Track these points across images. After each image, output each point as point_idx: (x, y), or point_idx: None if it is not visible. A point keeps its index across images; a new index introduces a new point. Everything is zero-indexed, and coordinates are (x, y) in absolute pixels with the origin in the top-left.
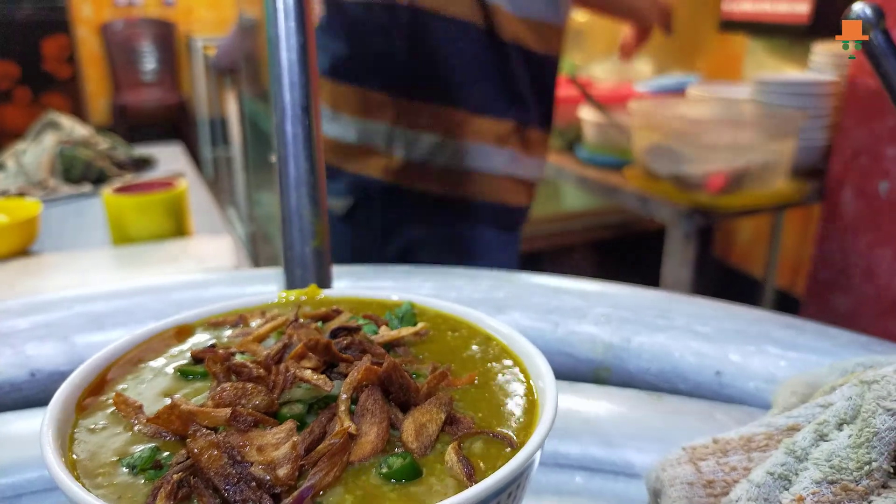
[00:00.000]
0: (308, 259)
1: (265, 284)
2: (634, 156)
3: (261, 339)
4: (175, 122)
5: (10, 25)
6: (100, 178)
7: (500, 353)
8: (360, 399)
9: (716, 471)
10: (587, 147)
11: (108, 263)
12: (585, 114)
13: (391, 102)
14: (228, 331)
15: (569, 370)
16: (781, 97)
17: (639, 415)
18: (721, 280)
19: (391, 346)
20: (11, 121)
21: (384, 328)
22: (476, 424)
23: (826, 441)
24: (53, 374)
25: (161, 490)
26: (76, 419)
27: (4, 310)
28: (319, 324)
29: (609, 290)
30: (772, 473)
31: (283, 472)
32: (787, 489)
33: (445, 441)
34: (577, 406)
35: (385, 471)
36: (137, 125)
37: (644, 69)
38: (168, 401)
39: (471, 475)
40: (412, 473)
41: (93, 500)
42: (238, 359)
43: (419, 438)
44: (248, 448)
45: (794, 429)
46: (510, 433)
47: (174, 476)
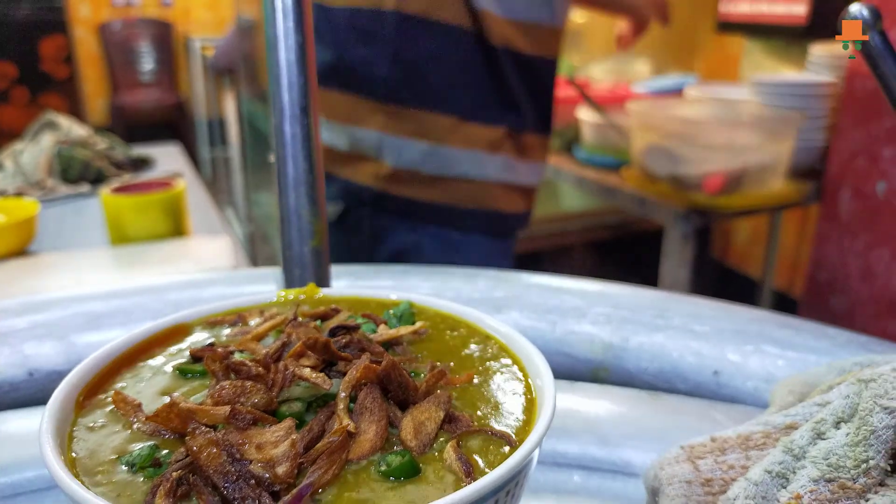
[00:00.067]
0: (307, 258)
1: (263, 284)
2: (632, 156)
3: (260, 338)
4: (173, 123)
5: (8, 25)
6: (98, 178)
7: (499, 352)
8: (359, 397)
9: (714, 469)
10: (585, 147)
11: (106, 263)
12: (583, 114)
13: (379, 109)
14: (227, 330)
15: (567, 370)
16: (779, 98)
17: (637, 414)
18: (719, 281)
19: (390, 345)
20: (9, 121)
21: (383, 327)
22: (475, 423)
23: (824, 439)
24: (51, 374)
25: (160, 488)
26: (75, 418)
27: (2, 309)
28: (318, 322)
29: (608, 290)
30: (770, 472)
31: (282, 470)
32: (785, 487)
33: (444, 439)
34: (576, 405)
35: (384, 469)
36: (135, 125)
37: (642, 70)
38: (167, 399)
39: (469, 473)
40: (411, 471)
41: (92, 498)
42: (237, 357)
43: (418, 436)
44: (247, 446)
45: (792, 427)
46: (509, 431)
47: (173, 474)
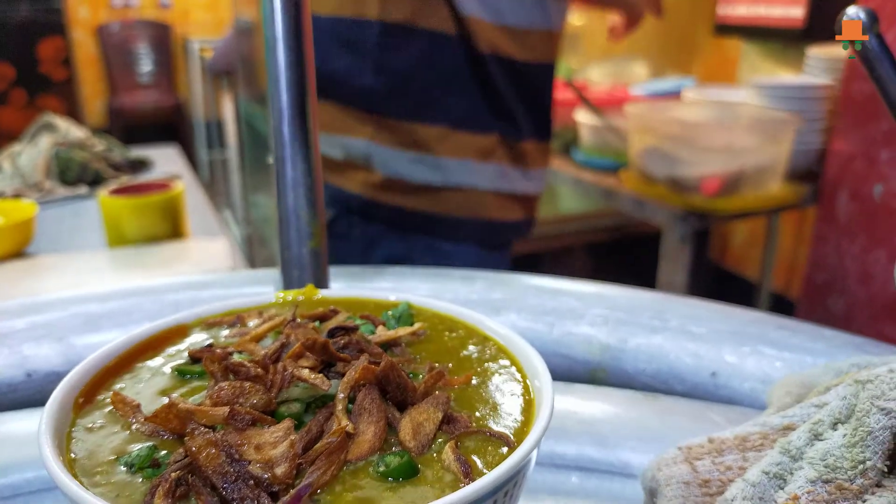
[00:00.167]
0: (305, 259)
1: (262, 285)
2: (630, 158)
3: (258, 339)
4: (171, 125)
5: (6, 27)
6: (96, 180)
7: (497, 354)
8: (358, 398)
9: (711, 470)
10: (583, 150)
11: (104, 265)
12: (581, 116)
13: (367, 119)
14: (226, 331)
15: (565, 371)
16: (776, 100)
17: (635, 415)
18: (717, 283)
19: (388, 346)
20: (7, 123)
21: (381, 328)
22: (473, 423)
23: (821, 440)
24: (50, 375)
25: (159, 488)
26: (74, 418)
27: (1, 311)
28: (317, 323)
29: (605, 292)
30: (767, 472)
31: (281, 471)
32: (783, 488)
33: (443, 440)
34: (574, 407)
35: (382, 469)
36: (133, 127)
37: (640, 72)
38: (166, 400)
39: (468, 474)
40: (409, 472)
41: (91, 499)
42: (236, 358)
43: (416, 437)
44: (246, 447)
45: (790, 428)
46: (507, 432)
47: (172, 474)
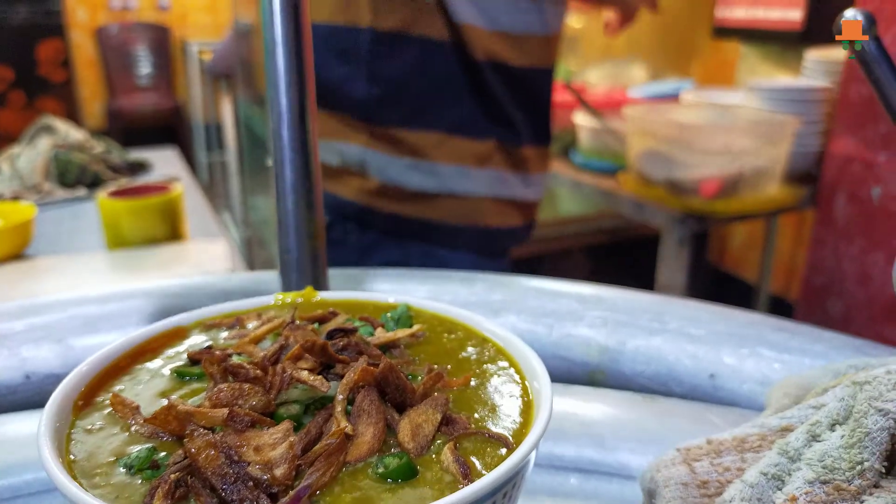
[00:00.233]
0: (304, 261)
1: (261, 287)
2: (629, 161)
3: (257, 341)
4: (170, 127)
5: (5, 29)
6: (94, 182)
7: (496, 355)
8: (357, 400)
9: (710, 471)
10: (582, 152)
11: (103, 267)
12: (580, 119)
13: (361, 126)
14: (225, 332)
15: (564, 373)
16: (775, 103)
17: (633, 417)
18: (715, 285)
19: (387, 348)
20: (6, 125)
21: (380, 330)
22: (472, 425)
23: (819, 441)
24: (49, 377)
25: (158, 490)
26: (73, 420)
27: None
28: (316, 325)
29: (604, 294)
30: (765, 474)
31: (280, 472)
32: (781, 489)
33: (441, 441)
34: (573, 408)
35: (381, 471)
36: (132, 129)
37: (638, 75)
38: (165, 401)
39: (467, 475)
40: (408, 473)
41: (90, 500)
42: (235, 360)
43: (415, 439)
44: (246, 448)
45: (788, 430)
46: (506, 434)
47: (171, 476)
